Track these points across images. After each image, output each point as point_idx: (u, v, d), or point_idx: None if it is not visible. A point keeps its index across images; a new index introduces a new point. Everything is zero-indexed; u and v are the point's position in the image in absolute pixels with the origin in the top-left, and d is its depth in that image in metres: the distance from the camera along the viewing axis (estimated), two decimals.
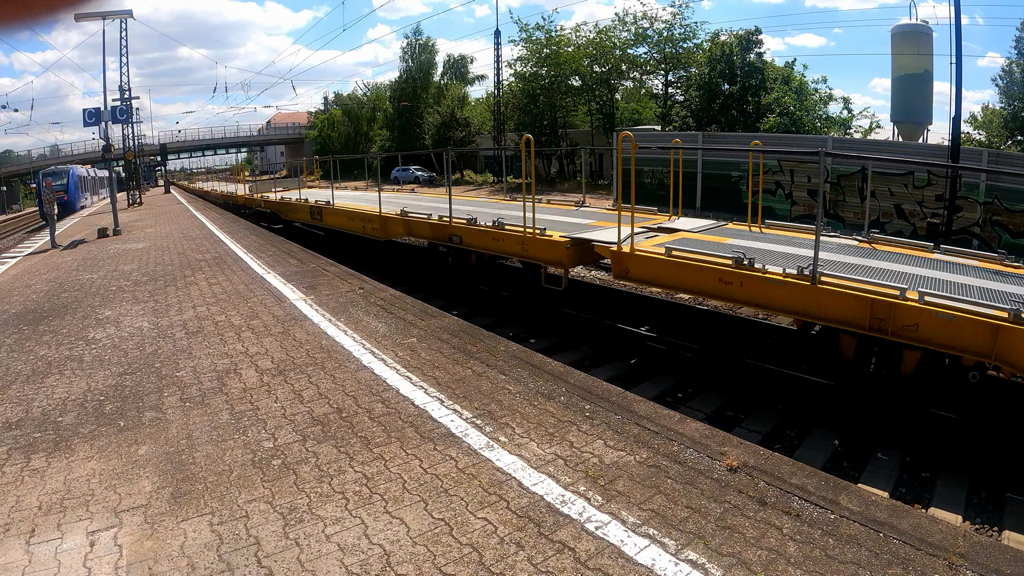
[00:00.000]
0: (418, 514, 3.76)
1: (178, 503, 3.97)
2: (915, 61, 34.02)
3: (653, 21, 44.63)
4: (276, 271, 12.05)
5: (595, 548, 3.39)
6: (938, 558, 3.27)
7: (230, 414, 5.36)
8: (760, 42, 39.17)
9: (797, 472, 4.18)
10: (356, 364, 6.54)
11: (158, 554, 3.46)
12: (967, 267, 7.68)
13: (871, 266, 7.28)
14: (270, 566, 3.32)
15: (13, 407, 5.72)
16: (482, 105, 66.27)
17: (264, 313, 8.79)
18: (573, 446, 4.60)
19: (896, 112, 35.52)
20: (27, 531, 3.73)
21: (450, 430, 4.92)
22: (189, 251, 15.79)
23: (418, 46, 72.05)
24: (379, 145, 71.92)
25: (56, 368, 6.83)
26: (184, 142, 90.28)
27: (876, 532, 3.49)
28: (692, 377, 8.63)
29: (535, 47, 48.60)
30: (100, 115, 21.53)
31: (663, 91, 47.47)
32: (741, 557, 3.29)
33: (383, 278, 11.81)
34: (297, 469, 4.37)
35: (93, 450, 4.79)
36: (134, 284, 11.49)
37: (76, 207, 42.58)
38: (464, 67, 75.40)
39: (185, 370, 6.57)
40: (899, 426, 6.96)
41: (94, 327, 8.45)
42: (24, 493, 4.18)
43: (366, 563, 3.32)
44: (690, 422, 5.01)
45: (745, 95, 37.82)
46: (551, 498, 3.89)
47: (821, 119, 37.94)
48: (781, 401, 7.78)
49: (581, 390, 5.66)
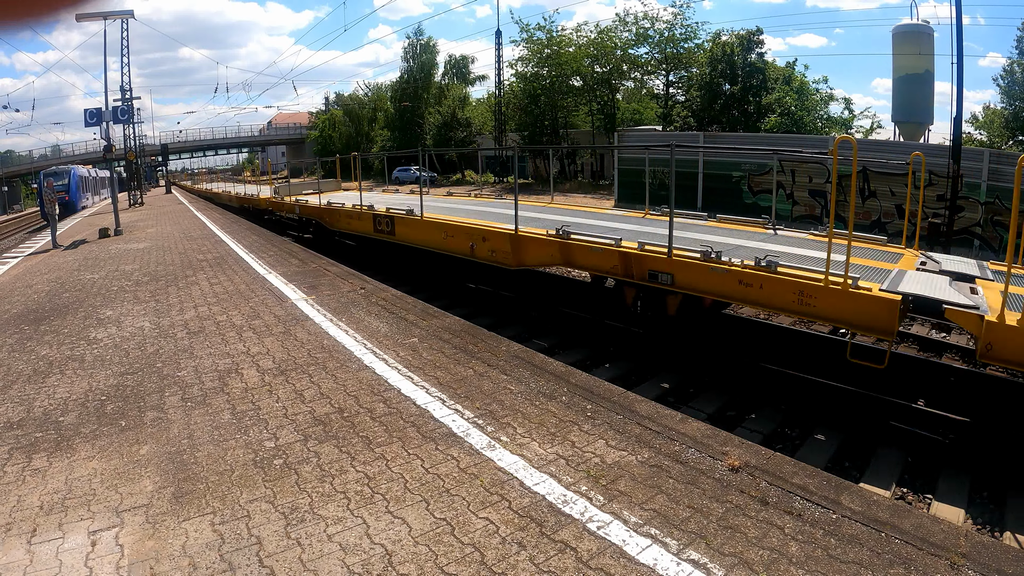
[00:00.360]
0: (420, 514, 3.76)
1: (180, 503, 3.97)
2: (916, 61, 34.04)
3: (654, 21, 44.54)
4: (277, 271, 12.06)
5: (597, 548, 3.39)
6: (940, 558, 3.27)
7: (232, 414, 5.36)
8: (761, 42, 39.17)
9: (799, 472, 4.17)
10: (358, 364, 6.54)
11: (160, 554, 3.46)
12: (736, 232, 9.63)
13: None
14: (272, 566, 3.32)
15: (14, 407, 5.72)
16: (483, 105, 66.25)
17: (265, 313, 8.79)
18: (575, 446, 4.60)
19: (897, 112, 35.54)
20: (28, 531, 3.73)
21: (452, 430, 4.92)
22: (190, 251, 15.80)
23: (419, 46, 71.92)
24: (380, 145, 71.79)
25: (57, 368, 6.84)
26: (185, 142, 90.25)
27: (878, 532, 3.49)
28: (694, 377, 8.61)
29: (536, 47, 48.55)
30: (101, 115, 21.57)
31: (664, 91, 47.36)
32: (743, 557, 3.29)
33: (384, 278, 11.80)
34: (299, 469, 4.37)
35: (95, 450, 4.79)
36: (135, 284, 11.50)
37: (77, 207, 42.60)
38: (465, 67, 75.37)
39: (186, 370, 6.57)
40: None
41: (95, 327, 8.46)
42: (25, 493, 4.18)
43: (368, 563, 3.32)
44: (692, 422, 5.00)
45: (746, 95, 37.81)
46: (553, 498, 3.89)
47: (822, 119, 37.90)
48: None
49: (583, 390, 5.66)
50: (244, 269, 12.57)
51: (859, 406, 7.32)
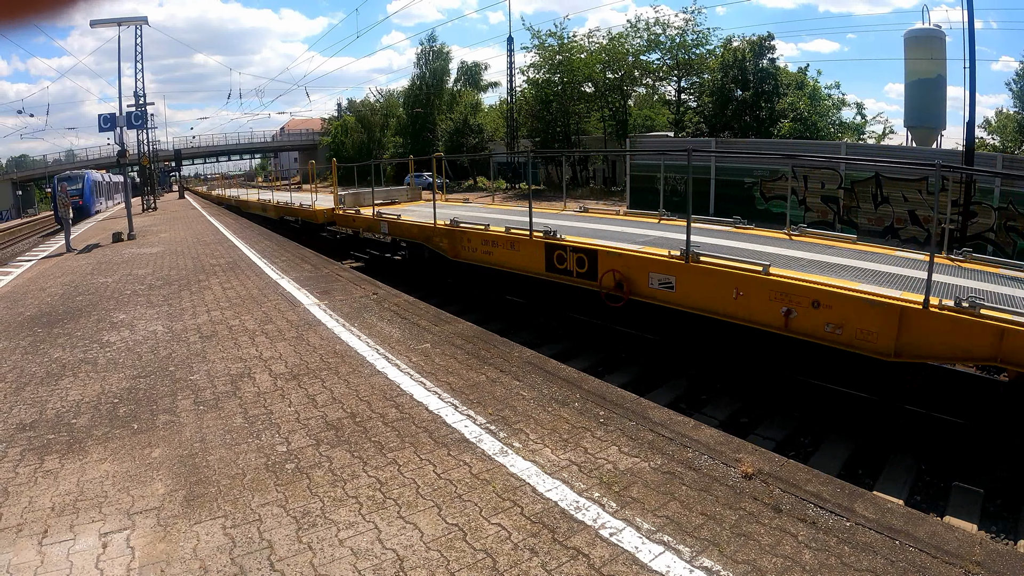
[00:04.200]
0: (432, 519, 3.75)
1: (191, 506, 3.97)
2: (928, 66, 33.94)
3: (666, 27, 44.62)
4: (290, 276, 12.08)
5: (610, 554, 3.37)
6: (954, 566, 3.23)
7: (244, 418, 5.37)
8: (773, 48, 39.09)
9: (812, 479, 4.14)
10: (370, 369, 6.54)
11: (171, 556, 3.46)
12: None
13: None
14: (283, 570, 3.31)
15: (27, 409, 5.75)
16: (495, 111, 66.34)
17: (278, 318, 8.80)
18: (587, 452, 4.58)
19: (910, 117, 35.43)
20: (40, 531, 3.74)
21: (464, 435, 4.91)
22: (203, 256, 15.86)
23: (432, 53, 72.15)
24: (391, 151, 71.93)
25: (70, 370, 6.86)
26: (198, 148, 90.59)
27: (892, 540, 3.45)
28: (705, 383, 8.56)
29: (548, 53, 48.63)
30: (115, 121, 21.65)
31: (676, 97, 47.37)
32: (756, 564, 3.26)
33: (396, 284, 11.80)
34: (311, 473, 4.36)
35: (107, 452, 4.80)
36: (148, 288, 11.55)
37: (91, 212, 42.94)
38: (477, 74, 75.50)
39: (199, 374, 6.58)
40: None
41: (108, 330, 8.49)
42: (37, 494, 4.20)
43: (379, 568, 3.31)
44: (704, 428, 4.97)
45: (758, 101, 37.71)
46: (565, 504, 3.87)
47: (834, 125, 37.80)
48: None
49: (595, 396, 5.64)
50: (257, 274, 12.60)
51: (871, 413, 7.28)
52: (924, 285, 5.88)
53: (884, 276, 7.05)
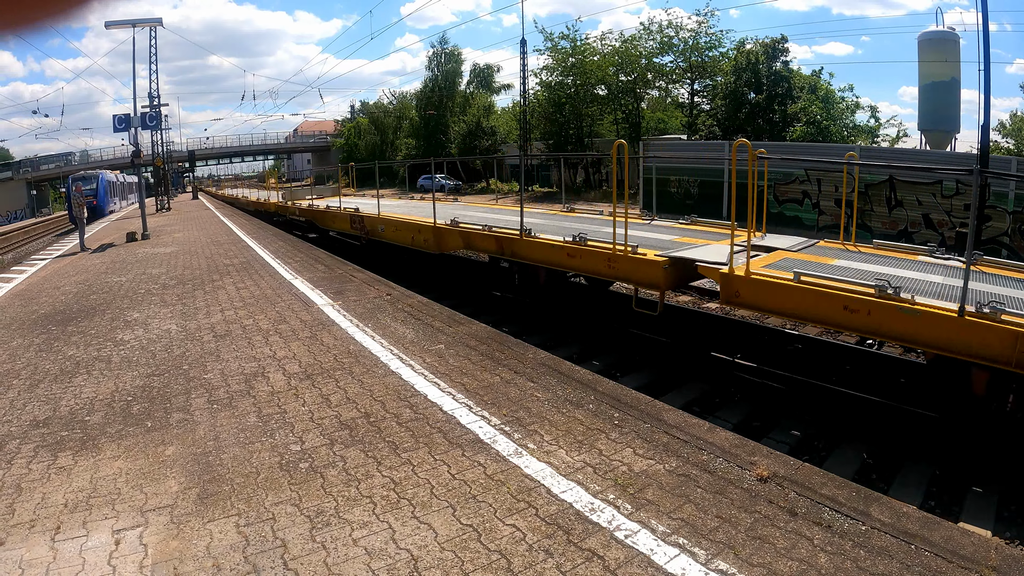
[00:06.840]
0: (446, 520, 3.73)
1: (204, 504, 3.98)
2: (942, 69, 33.76)
3: (679, 30, 44.46)
4: (304, 276, 12.11)
5: (625, 557, 3.35)
6: (970, 571, 3.20)
7: (258, 417, 5.37)
8: (786, 50, 39.00)
9: (828, 483, 4.10)
10: (384, 369, 6.53)
11: (184, 554, 3.46)
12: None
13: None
14: (296, 568, 3.31)
15: (41, 406, 5.77)
16: (508, 114, 66.31)
17: (292, 318, 8.81)
18: (602, 454, 4.56)
19: (924, 121, 35.24)
20: (52, 528, 3.75)
21: (478, 436, 4.89)
22: (217, 256, 15.91)
23: (444, 55, 72.05)
24: (404, 153, 71.99)
25: (84, 368, 6.89)
26: (212, 149, 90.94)
27: (908, 544, 3.42)
28: (721, 386, 8.54)
29: (561, 56, 48.60)
30: (130, 121, 21.74)
31: (689, 100, 47.28)
32: (772, 568, 3.23)
33: (410, 284, 11.80)
34: (324, 472, 4.36)
35: (120, 449, 4.81)
36: (162, 287, 11.59)
37: (105, 212, 43.10)
38: (490, 76, 75.31)
39: (213, 372, 6.60)
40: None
41: (122, 329, 8.52)
42: (50, 490, 4.21)
43: (393, 568, 3.30)
44: (719, 431, 4.94)
45: (771, 104, 37.58)
46: (580, 506, 3.85)
47: (848, 128, 37.61)
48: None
49: (610, 398, 5.61)
50: (271, 274, 12.63)
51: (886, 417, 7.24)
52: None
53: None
